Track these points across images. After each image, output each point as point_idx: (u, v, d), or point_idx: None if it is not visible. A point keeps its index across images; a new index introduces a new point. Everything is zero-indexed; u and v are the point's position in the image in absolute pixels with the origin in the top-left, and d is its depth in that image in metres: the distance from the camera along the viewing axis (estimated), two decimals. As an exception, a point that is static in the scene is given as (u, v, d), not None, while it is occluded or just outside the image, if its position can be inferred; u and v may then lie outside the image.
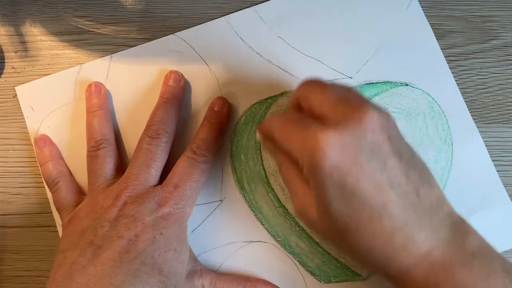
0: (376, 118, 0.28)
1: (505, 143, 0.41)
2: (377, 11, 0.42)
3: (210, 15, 0.43)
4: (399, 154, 0.29)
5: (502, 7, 0.43)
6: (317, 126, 0.28)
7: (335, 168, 0.27)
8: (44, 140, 0.40)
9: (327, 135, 0.27)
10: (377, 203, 0.28)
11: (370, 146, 0.28)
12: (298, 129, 0.30)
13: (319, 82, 0.32)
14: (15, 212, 0.40)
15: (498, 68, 0.42)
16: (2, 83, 0.42)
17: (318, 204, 0.29)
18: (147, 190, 0.35)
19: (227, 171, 0.40)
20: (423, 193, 0.29)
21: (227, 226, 0.39)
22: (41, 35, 0.42)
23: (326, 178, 0.27)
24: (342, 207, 0.28)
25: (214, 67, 0.41)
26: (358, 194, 0.28)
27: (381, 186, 0.28)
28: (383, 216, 0.28)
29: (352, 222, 0.28)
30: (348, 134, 0.27)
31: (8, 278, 0.39)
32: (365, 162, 0.28)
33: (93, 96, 0.40)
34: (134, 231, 0.33)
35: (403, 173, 0.28)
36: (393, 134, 0.29)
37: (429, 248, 0.28)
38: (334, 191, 0.28)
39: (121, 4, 0.43)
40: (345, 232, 0.29)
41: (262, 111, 0.41)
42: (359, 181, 0.27)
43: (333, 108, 0.29)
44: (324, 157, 0.27)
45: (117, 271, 0.31)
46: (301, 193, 0.31)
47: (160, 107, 0.39)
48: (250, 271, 0.38)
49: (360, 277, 0.38)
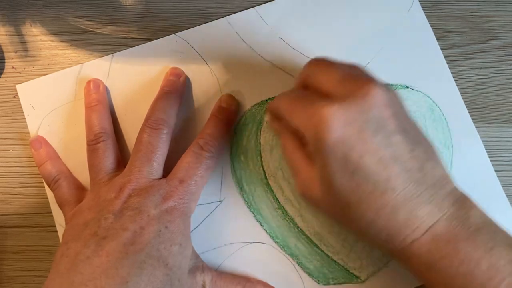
0: (381, 94, 0.28)
1: (505, 143, 0.41)
2: (379, 13, 0.42)
3: (211, 15, 0.42)
4: (404, 131, 0.29)
5: (502, 7, 0.43)
6: (323, 101, 0.29)
7: (339, 142, 0.28)
8: (40, 141, 0.40)
9: (332, 109, 0.28)
10: (381, 178, 0.28)
11: (375, 122, 0.28)
12: (304, 105, 0.30)
13: (325, 60, 0.33)
14: (15, 212, 0.40)
15: (498, 68, 0.42)
16: (2, 83, 0.42)
17: (322, 180, 0.30)
18: (151, 183, 0.35)
19: (226, 171, 0.40)
20: (427, 170, 0.29)
21: (226, 227, 0.39)
22: (41, 35, 0.42)
23: (330, 151, 0.28)
24: (345, 182, 0.28)
25: (215, 67, 0.41)
26: (362, 168, 0.28)
27: (384, 162, 0.28)
28: (386, 191, 0.28)
29: (355, 196, 0.29)
30: (353, 109, 0.28)
31: (8, 278, 0.39)
32: (370, 137, 0.28)
33: (91, 92, 0.40)
34: (140, 223, 0.33)
35: (407, 149, 0.29)
36: (398, 110, 0.29)
37: (432, 223, 0.29)
38: (337, 165, 0.28)
39: (121, 4, 0.43)
40: (348, 207, 0.29)
41: (263, 112, 0.41)
42: (363, 156, 0.28)
43: (339, 84, 0.30)
44: (329, 130, 0.28)
45: (122, 263, 0.31)
46: (305, 171, 0.31)
47: (161, 98, 0.39)
48: (249, 272, 0.38)
49: (358, 279, 0.38)
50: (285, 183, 0.39)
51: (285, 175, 0.40)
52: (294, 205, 0.39)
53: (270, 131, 0.40)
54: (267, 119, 0.36)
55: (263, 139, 0.40)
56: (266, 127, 0.40)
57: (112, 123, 0.40)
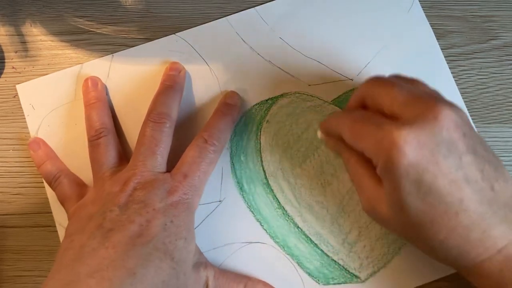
0: (450, 115, 0.28)
1: (505, 143, 0.41)
2: (379, 13, 0.42)
3: (211, 15, 0.43)
4: (473, 150, 0.29)
5: (502, 7, 0.43)
6: (392, 124, 0.29)
7: (412, 166, 0.28)
8: (38, 142, 0.40)
9: (403, 133, 0.28)
10: (454, 200, 0.28)
11: (446, 144, 0.28)
12: (370, 128, 0.30)
13: (384, 79, 0.33)
14: (15, 212, 0.40)
15: (498, 68, 0.42)
16: (2, 83, 0.42)
17: (393, 201, 0.30)
18: (155, 177, 0.35)
19: (226, 171, 0.40)
20: (498, 188, 0.29)
21: (226, 227, 0.39)
22: (41, 35, 0.42)
23: (403, 175, 0.28)
24: (419, 204, 0.29)
25: (215, 67, 0.41)
26: (435, 191, 0.28)
27: (457, 183, 0.28)
28: (459, 212, 0.28)
29: (428, 218, 0.29)
30: (424, 133, 0.28)
31: (8, 278, 0.39)
32: (442, 159, 0.28)
33: (90, 90, 0.40)
34: (146, 217, 0.33)
35: (478, 169, 0.29)
36: (467, 130, 0.29)
37: (505, 243, 0.29)
38: (410, 188, 0.28)
39: (121, 4, 0.43)
40: (420, 227, 0.29)
41: (263, 112, 0.41)
42: (436, 178, 0.28)
43: (405, 106, 0.30)
44: (402, 155, 0.28)
45: (129, 254, 0.31)
46: (371, 190, 0.32)
47: (162, 92, 0.39)
48: (249, 272, 0.38)
49: (358, 279, 0.38)
50: (285, 183, 0.39)
51: (285, 175, 0.40)
52: (294, 205, 0.39)
53: (271, 132, 0.40)
54: (320, 137, 0.37)
55: (263, 139, 0.40)
56: (267, 127, 0.40)
57: (112, 119, 0.40)
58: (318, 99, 0.41)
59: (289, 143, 0.40)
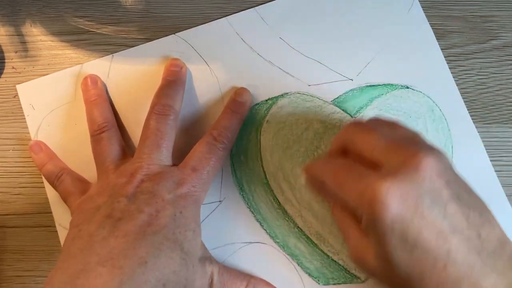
0: (431, 163, 0.28)
1: (505, 143, 0.41)
2: (379, 13, 0.42)
3: (211, 15, 0.42)
4: (458, 197, 0.28)
5: (502, 7, 0.43)
6: (373, 175, 0.28)
7: (396, 219, 0.27)
8: (39, 145, 0.40)
9: (385, 186, 0.27)
10: (441, 251, 0.27)
11: (429, 194, 0.27)
12: (352, 177, 0.29)
13: (363, 125, 0.32)
14: (15, 212, 0.40)
15: (498, 68, 0.42)
16: (2, 83, 0.42)
17: (379, 255, 0.29)
18: (162, 169, 0.35)
19: (226, 171, 0.40)
20: (485, 235, 0.28)
21: (226, 227, 0.39)
22: (41, 35, 0.42)
23: (388, 229, 0.27)
24: (405, 258, 0.28)
25: (215, 67, 0.41)
26: (421, 244, 0.27)
27: (443, 234, 0.27)
28: (448, 264, 0.27)
29: (416, 272, 0.28)
30: (407, 184, 0.27)
31: (8, 278, 0.39)
32: (426, 211, 0.27)
33: (90, 87, 0.40)
34: (155, 207, 0.33)
35: (463, 217, 0.28)
36: (449, 176, 0.29)
37: None
38: (396, 242, 0.27)
39: (121, 4, 0.43)
40: (409, 280, 0.28)
41: (263, 112, 0.41)
42: (421, 231, 0.27)
43: (386, 154, 0.29)
44: (385, 208, 0.27)
45: (140, 243, 0.31)
46: (357, 240, 0.31)
47: (165, 86, 0.39)
48: (249, 272, 0.38)
49: (358, 279, 0.38)
50: (285, 183, 0.39)
51: (285, 175, 0.40)
52: (294, 205, 0.39)
53: (271, 132, 0.40)
54: (304, 180, 0.36)
55: (263, 139, 0.40)
56: (267, 127, 0.40)
57: (113, 115, 0.40)
58: (318, 99, 0.41)
59: (289, 143, 0.40)
